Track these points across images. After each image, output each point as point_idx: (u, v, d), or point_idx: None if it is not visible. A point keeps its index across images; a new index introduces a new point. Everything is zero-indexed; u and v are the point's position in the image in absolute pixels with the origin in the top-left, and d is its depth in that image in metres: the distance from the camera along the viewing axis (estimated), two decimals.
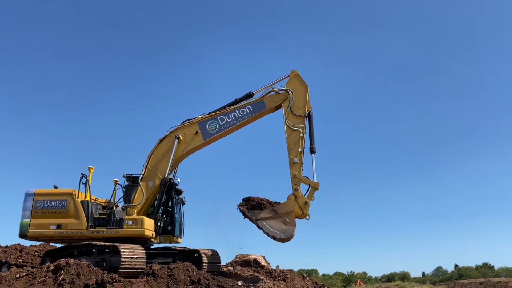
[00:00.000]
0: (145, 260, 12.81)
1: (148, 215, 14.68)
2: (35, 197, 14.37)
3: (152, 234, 14.37)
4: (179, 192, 16.38)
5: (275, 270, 18.72)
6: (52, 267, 12.65)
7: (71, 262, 12.44)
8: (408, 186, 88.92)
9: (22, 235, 14.22)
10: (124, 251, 12.48)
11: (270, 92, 15.39)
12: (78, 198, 14.38)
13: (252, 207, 14.39)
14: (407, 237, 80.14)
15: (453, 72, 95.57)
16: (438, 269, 61.63)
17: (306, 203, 13.86)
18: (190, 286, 12.18)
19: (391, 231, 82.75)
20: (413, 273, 58.63)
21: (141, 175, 14.89)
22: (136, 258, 12.58)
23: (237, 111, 15.16)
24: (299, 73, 15.38)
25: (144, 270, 12.63)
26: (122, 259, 12.30)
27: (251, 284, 13.91)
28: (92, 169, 15.02)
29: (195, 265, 14.01)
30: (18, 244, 18.99)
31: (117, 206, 14.99)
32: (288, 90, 15.13)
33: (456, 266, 58.29)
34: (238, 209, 14.69)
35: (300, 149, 14.47)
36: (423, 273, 61.94)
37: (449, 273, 57.49)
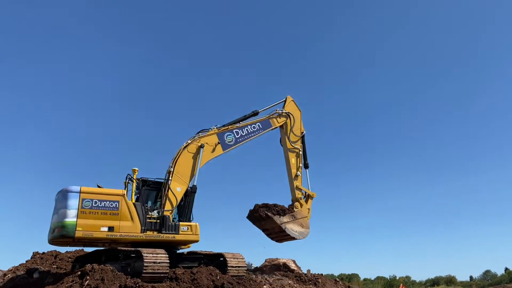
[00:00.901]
0: (168, 265, 12.74)
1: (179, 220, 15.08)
2: (81, 195, 13.23)
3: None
4: None
5: (305, 274, 18.28)
6: (79, 273, 12.86)
7: (96, 267, 12.58)
8: (455, 188, 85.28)
9: (67, 236, 12.78)
10: (146, 256, 12.47)
11: (274, 113, 17.96)
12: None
13: (277, 213, 16.46)
14: (453, 239, 76.67)
15: None
16: (487, 272, 58.48)
17: (309, 209, 17.37)
18: None
19: (436, 234, 79.48)
20: (460, 277, 55.95)
21: (168, 181, 14.96)
22: (159, 263, 12.53)
23: (249, 127, 17.18)
24: (294, 98, 18.65)
25: (167, 275, 12.57)
26: (145, 264, 12.29)
27: None
28: (136, 170, 14.86)
29: (221, 269, 13.86)
30: (54, 250, 19.55)
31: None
32: (290, 114, 18.06)
33: (506, 269, 55.05)
34: (264, 213, 16.26)
35: (300, 164, 17.81)
36: (471, 277, 59.05)
37: (499, 276, 54.32)
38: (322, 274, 19.11)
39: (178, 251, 15.32)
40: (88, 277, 12.34)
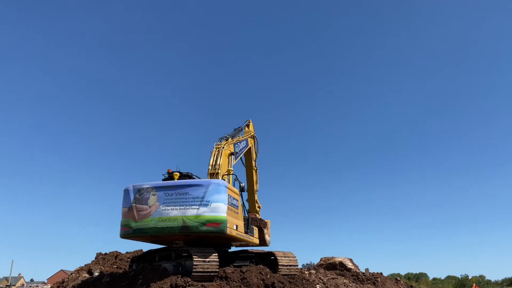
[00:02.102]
0: (218, 264, 12.63)
1: None
2: (228, 190, 13.00)
3: None
4: None
5: (363, 273, 17.48)
6: (132, 272, 13.16)
7: (148, 267, 12.80)
8: None
9: (222, 232, 12.33)
10: (196, 255, 12.45)
11: (248, 133, 18.44)
12: None
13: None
14: None
15: None
16: None
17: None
18: None
19: None
20: None
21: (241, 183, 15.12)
22: (208, 262, 12.46)
23: (240, 142, 17.18)
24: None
25: (217, 274, 12.48)
26: (195, 263, 12.27)
27: None
28: (231, 170, 14.81)
29: (272, 268, 13.56)
30: (116, 251, 20.30)
31: None
32: (255, 136, 19.12)
33: None
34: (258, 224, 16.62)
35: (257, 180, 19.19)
36: None
37: None
38: (381, 273, 18.16)
39: (228, 250, 15.26)
40: (140, 277, 12.61)
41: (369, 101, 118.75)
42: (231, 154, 15.36)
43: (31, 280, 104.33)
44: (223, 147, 15.07)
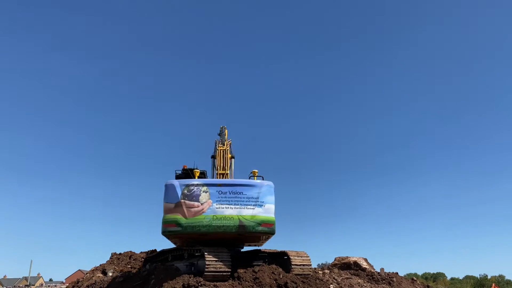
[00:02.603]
0: (230, 263, 12.57)
1: None
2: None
3: None
4: None
5: (378, 273, 17.22)
6: (145, 272, 13.19)
7: (160, 267, 12.81)
8: None
9: (272, 233, 13.16)
10: (208, 254, 12.41)
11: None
12: None
13: None
14: None
15: None
16: None
17: None
18: None
19: None
20: None
21: None
22: (220, 261, 12.41)
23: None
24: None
25: (229, 274, 12.41)
26: (207, 263, 12.23)
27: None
28: (255, 172, 14.59)
29: (285, 268, 13.41)
30: (130, 251, 20.47)
31: None
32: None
33: None
34: None
35: None
36: None
37: None
38: (397, 273, 17.87)
39: (241, 250, 15.18)
40: (153, 276, 12.64)
41: (399, 98, 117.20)
42: (232, 157, 16.09)
43: (50, 280, 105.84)
44: (225, 150, 15.70)
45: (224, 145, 16.22)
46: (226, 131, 17.58)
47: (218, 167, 15.62)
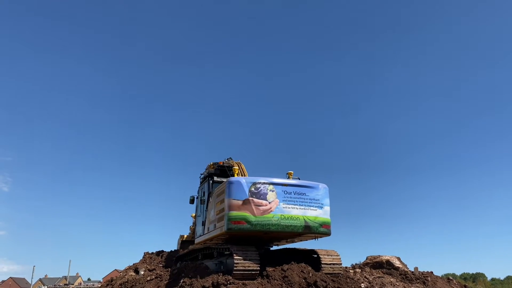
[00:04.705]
0: (259, 262, 12.52)
1: None
2: None
3: None
4: None
5: (412, 272, 16.75)
6: (176, 271, 13.35)
7: (190, 265, 12.92)
8: None
9: (329, 233, 13.49)
10: (237, 253, 12.41)
11: None
12: None
13: None
14: None
15: None
16: None
17: None
18: None
19: None
20: None
21: None
22: (249, 260, 12.39)
23: None
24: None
25: (258, 272, 12.37)
26: (235, 261, 12.23)
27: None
28: (291, 173, 14.64)
29: (314, 267, 13.26)
30: (162, 250, 20.80)
31: None
32: None
33: None
34: None
35: None
36: None
37: None
38: (431, 272, 17.32)
39: (270, 248, 15.13)
40: (183, 274, 12.77)
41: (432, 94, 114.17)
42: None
43: (88, 279, 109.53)
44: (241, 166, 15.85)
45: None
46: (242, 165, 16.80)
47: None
